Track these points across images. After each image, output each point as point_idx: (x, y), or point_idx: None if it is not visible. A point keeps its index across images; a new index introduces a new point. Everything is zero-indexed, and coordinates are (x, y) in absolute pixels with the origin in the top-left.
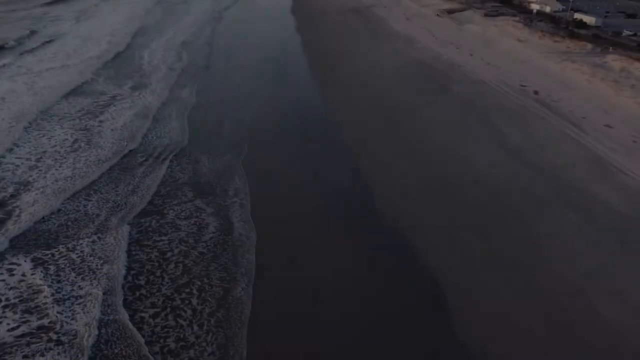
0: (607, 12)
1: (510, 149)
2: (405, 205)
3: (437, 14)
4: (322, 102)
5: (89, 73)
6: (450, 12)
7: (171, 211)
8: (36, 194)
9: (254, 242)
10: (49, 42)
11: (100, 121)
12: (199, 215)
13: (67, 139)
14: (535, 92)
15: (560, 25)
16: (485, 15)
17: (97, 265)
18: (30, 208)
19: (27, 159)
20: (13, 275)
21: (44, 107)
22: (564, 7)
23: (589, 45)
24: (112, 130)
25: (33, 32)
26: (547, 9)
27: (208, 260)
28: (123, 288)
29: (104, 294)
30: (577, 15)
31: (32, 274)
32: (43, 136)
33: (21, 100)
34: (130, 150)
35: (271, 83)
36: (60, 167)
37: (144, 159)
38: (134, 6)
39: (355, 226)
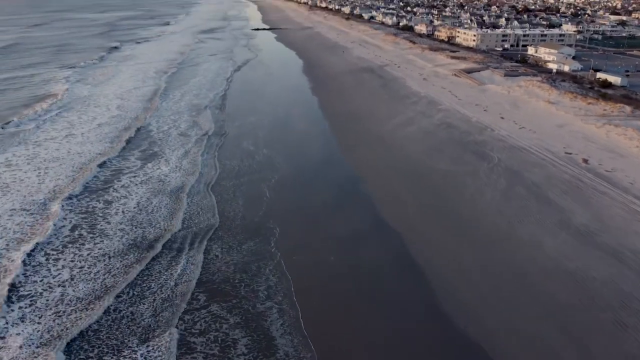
0: (627, 71)
1: (578, 230)
2: (473, 305)
3: (455, 74)
4: (351, 171)
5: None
6: (467, 72)
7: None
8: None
9: None
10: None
11: (108, 202)
12: (228, 331)
13: (65, 226)
14: (585, 161)
15: (584, 85)
16: (505, 75)
17: None
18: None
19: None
20: None
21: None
22: (582, 66)
23: (627, 108)
24: (125, 212)
25: (48, 96)
26: (566, 68)
27: None
28: None
29: None
30: (601, 75)
31: None
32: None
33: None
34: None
35: (293, 150)
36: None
37: (178, 244)
38: (145, 66)
39: (431, 344)
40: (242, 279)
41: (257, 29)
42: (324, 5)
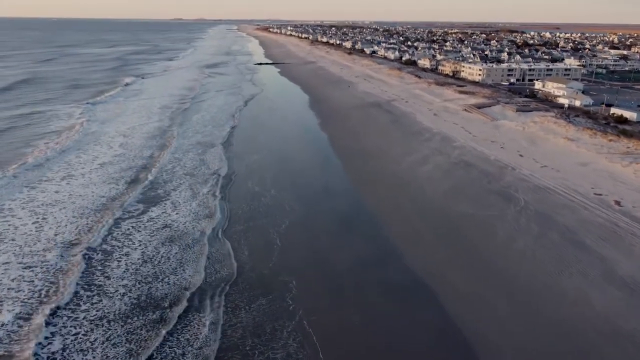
0: (639, 106)
1: (626, 283)
2: None
3: (465, 109)
4: (369, 215)
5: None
6: (478, 107)
7: None
8: None
9: None
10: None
11: (107, 252)
12: None
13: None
14: (617, 203)
15: (599, 121)
16: (518, 110)
17: None
18: None
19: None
20: None
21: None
22: (594, 101)
23: None
24: (126, 270)
25: (60, 131)
26: (577, 103)
27: None
28: None
29: None
30: (615, 110)
31: None
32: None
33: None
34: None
35: (306, 191)
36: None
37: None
38: (154, 102)
39: None
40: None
41: (260, 64)
42: (324, 40)
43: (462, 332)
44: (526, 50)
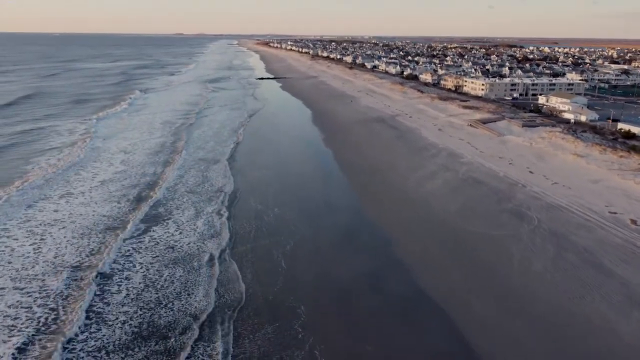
0: None
1: None
2: None
3: (471, 124)
4: (378, 233)
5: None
6: (483, 122)
7: None
8: None
9: None
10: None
11: (106, 276)
12: None
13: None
14: (634, 222)
15: (607, 136)
16: (524, 125)
17: None
18: None
19: None
20: None
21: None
22: (599, 116)
23: None
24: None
25: (67, 146)
26: (583, 118)
27: None
28: None
29: None
30: (623, 126)
31: None
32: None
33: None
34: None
35: (312, 209)
36: None
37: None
38: (158, 117)
39: None
40: None
41: (262, 78)
42: (325, 54)
43: None
44: (527, 65)
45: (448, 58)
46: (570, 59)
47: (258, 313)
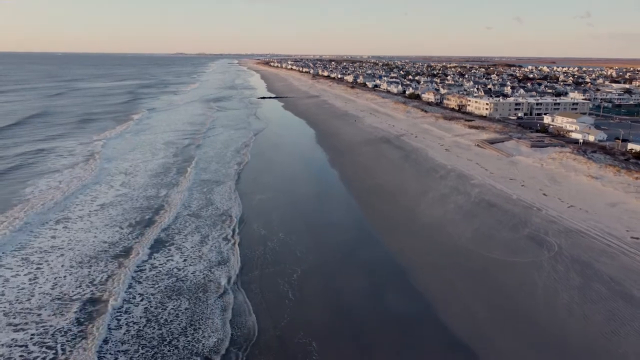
0: None
1: None
2: None
3: (478, 145)
4: (391, 260)
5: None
6: (490, 142)
7: None
8: None
9: None
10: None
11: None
12: None
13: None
14: None
15: (617, 157)
16: (532, 146)
17: None
18: None
19: None
20: None
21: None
22: (607, 136)
23: None
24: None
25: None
26: (591, 138)
27: None
28: None
29: None
30: (633, 146)
31: None
32: None
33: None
34: None
35: (324, 236)
36: None
37: None
38: (160, 137)
39: None
40: None
41: (264, 98)
42: (326, 74)
43: None
44: (528, 84)
45: (449, 77)
46: (571, 78)
47: (273, 349)
